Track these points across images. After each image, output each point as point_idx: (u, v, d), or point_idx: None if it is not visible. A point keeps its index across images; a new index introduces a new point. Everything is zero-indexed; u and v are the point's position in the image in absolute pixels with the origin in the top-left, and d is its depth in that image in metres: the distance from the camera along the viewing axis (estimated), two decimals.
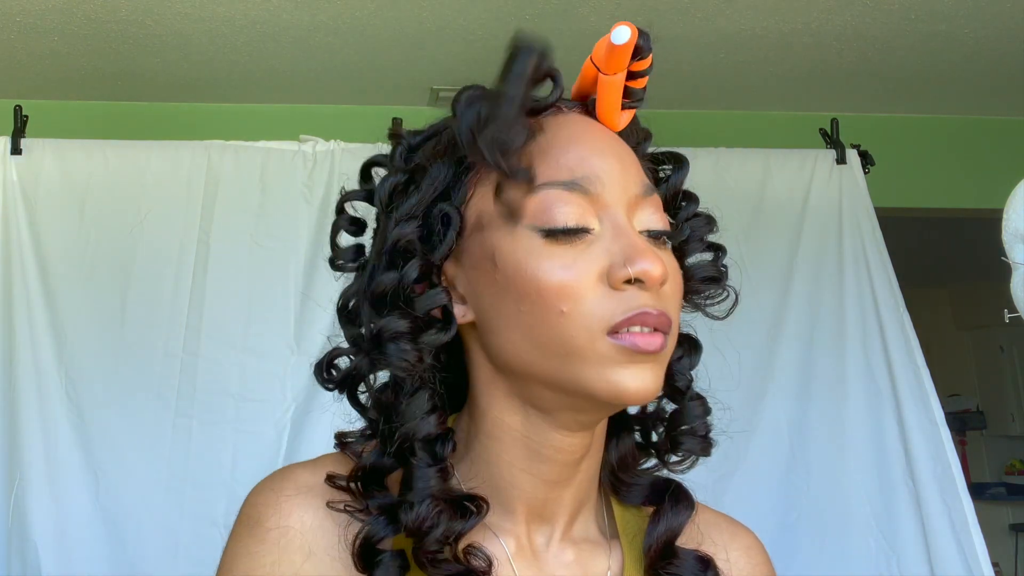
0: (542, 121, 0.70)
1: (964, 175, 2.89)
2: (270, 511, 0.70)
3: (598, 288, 0.64)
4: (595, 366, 0.64)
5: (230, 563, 0.70)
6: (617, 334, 0.64)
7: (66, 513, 2.04)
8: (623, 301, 0.64)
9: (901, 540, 2.22)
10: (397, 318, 0.68)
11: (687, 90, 2.67)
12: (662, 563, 0.73)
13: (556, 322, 0.64)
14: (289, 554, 0.69)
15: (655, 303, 0.64)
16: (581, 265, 0.65)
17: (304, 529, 0.70)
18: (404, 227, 0.69)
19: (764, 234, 2.38)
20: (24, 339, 2.10)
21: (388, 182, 0.73)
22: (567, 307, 0.64)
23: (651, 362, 0.65)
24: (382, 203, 0.73)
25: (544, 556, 0.73)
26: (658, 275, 0.64)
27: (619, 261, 0.64)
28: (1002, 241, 1.27)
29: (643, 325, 0.64)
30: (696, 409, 0.76)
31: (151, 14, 2.16)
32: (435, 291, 0.69)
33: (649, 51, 0.69)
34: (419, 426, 0.67)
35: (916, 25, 2.31)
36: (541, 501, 0.72)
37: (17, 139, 2.21)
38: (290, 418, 2.13)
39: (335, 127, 2.41)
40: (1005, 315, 1.33)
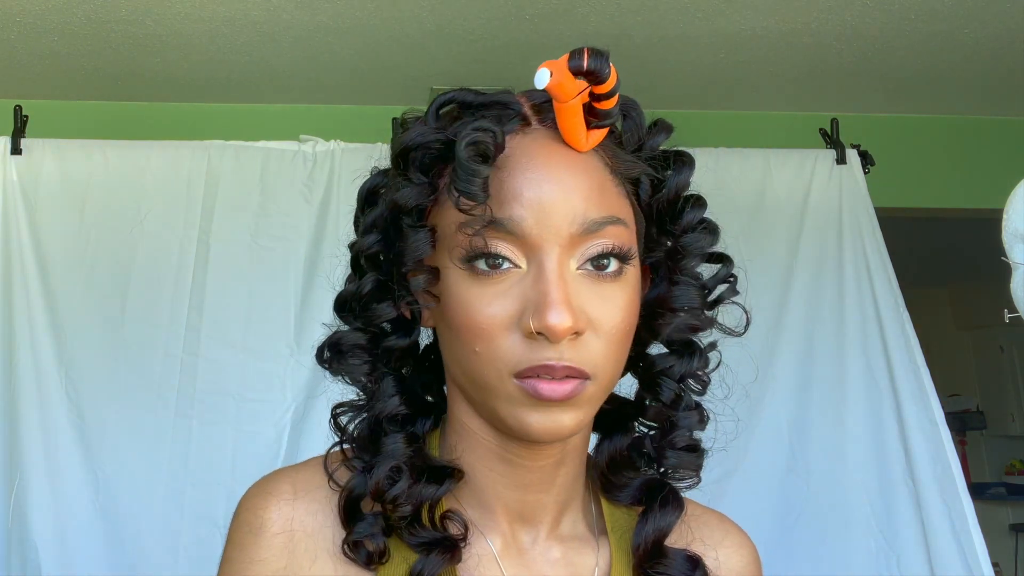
0: (507, 139, 0.67)
1: (964, 175, 2.89)
2: (273, 515, 0.70)
3: (511, 331, 0.65)
4: (505, 404, 0.66)
5: (236, 571, 0.70)
6: (523, 378, 0.64)
7: (66, 513, 2.04)
8: (530, 350, 0.64)
9: (901, 540, 2.22)
10: (353, 331, 0.73)
11: (687, 90, 2.67)
12: (650, 563, 0.73)
13: (472, 359, 0.66)
14: (297, 558, 0.69)
15: (561, 356, 0.63)
16: (497, 306, 0.65)
17: (308, 532, 0.70)
18: (365, 238, 0.72)
19: (764, 234, 2.38)
20: (24, 339, 2.10)
21: (367, 185, 0.75)
22: (480, 347, 0.65)
23: (560, 407, 0.65)
24: (359, 202, 0.75)
25: (531, 553, 0.73)
26: (561, 331, 0.62)
27: (530, 310, 0.64)
28: (1002, 241, 1.27)
29: (547, 374, 0.64)
30: (687, 420, 0.75)
31: (151, 14, 2.16)
32: (383, 306, 0.71)
33: (607, 74, 0.64)
34: (385, 405, 0.71)
35: (916, 25, 2.31)
36: (520, 504, 0.73)
37: (17, 139, 2.21)
38: (290, 418, 2.13)
39: (335, 127, 2.41)
40: (1005, 315, 1.33)
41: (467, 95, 0.70)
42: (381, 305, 0.71)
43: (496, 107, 0.69)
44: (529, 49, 2.38)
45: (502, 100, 0.70)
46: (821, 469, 2.27)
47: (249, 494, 0.73)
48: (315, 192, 2.26)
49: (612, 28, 2.28)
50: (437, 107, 0.69)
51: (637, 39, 2.34)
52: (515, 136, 0.68)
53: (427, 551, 0.68)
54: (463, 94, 0.70)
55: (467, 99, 0.69)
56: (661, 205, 0.72)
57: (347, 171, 2.25)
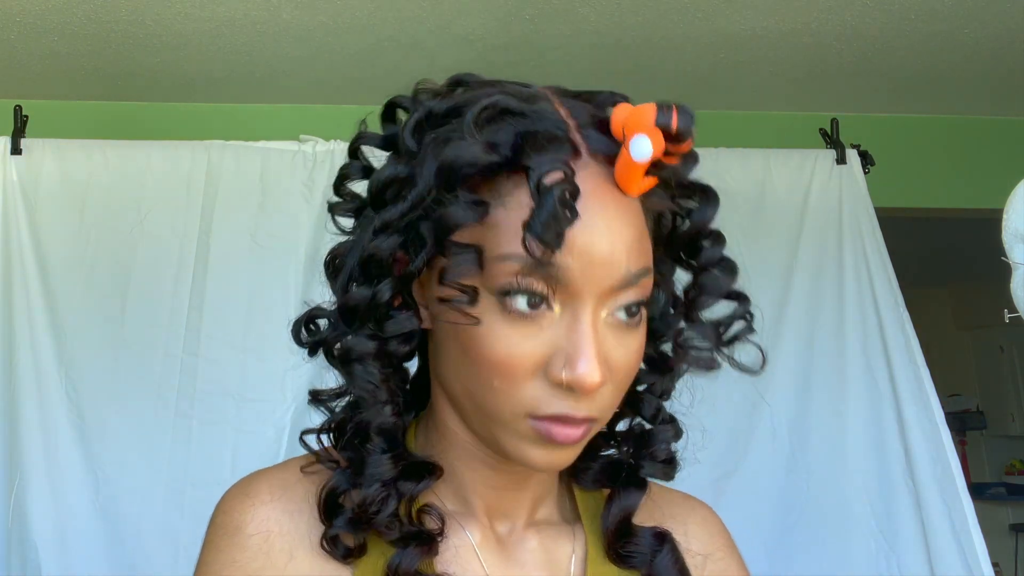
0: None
1: (964, 175, 2.89)
2: (248, 516, 0.70)
3: (534, 375, 0.64)
4: (512, 437, 0.66)
5: (211, 572, 0.70)
6: (537, 419, 0.64)
7: (66, 513, 2.04)
8: (552, 396, 0.64)
9: (901, 540, 2.22)
10: (365, 338, 0.68)
11: (687, 90, 2.66)
12: (620, 543, 0.75)
13: (486, 391, 0.65)
14: (272, 558, 0.69)
15: (579, 409, 0.64)
16: (526, 347, 0.63)
17: (284, 532, 0.70)
18: (383, 240, 0.66)
19: (764, 234, 2.38)
20: (24, 339, 2.10)
21: (383, 175, 0.68)
22: (499, 383, 0.64)
23: (565, 447, 0.66)
24: (372, 194, 0.69)
25: (508, 543, 0.74)
26: (590, 387, 0.62)
27: (560, 359, 0.63)
28: (1002, 241, 1.27)
29: (563, 421, 0.64)
30: (665, 433, 0.76)
31: (151, 14, 2.16)
32: (406, 316, 0.68)
33: (689, 135, 0.61)
34: (376, 416, 0.69)
35: (916, 25, 2.31)
36: (498, 500, 0.74)
37: (17, 139, 2.21)
38: (290, 418, 2.13)
39: (335, 127, 2.40)
40: (1005, 315, 1.33)
41: (509, 100, 0.64)
42: (401, 316, 0.68)
43: (545, 124, 0.64)
44: (529, 49, 2.38)
45: (547, 116, 0.64)
46: (821, 469, 2.27)
47: (226, 497, 0.73)
48: (315, 192, 2.26)
49: (612, 28, 2.28)
50: (479, 113, 0.63)
51: (637, 39, 2.34)
52: (572, 163, 0.63)
53: (404, 545, 0.68)
54: (505, 99, 0.64)
55: (510, 106, 0.64)
56: (680, 238, 0.71)
57: None
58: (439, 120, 0.66)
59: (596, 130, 0.65)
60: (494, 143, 0.62)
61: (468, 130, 0.62)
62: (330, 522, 0.69)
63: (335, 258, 0.74)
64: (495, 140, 0.62)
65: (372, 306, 0.67)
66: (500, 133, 0.63)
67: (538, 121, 0.63)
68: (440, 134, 0.65)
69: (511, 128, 0.63)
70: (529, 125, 0.63)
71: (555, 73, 2.50)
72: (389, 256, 0.66)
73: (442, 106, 0.67)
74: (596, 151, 0.64)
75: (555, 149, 0.62)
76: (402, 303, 0.68)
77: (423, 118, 0.67)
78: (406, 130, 0.67)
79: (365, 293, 0.68)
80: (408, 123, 0.68)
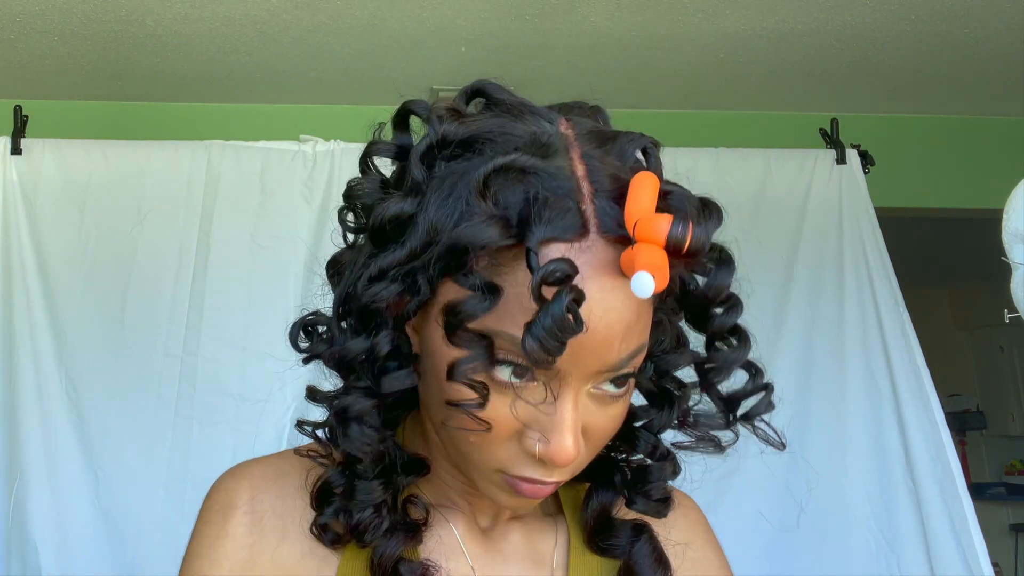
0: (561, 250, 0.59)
1: (964, 175, 2.89)
2: (244, 496, 0.72)
3: (510, 439, 0.64)
4: (482, 479, 0.67)
5: (206, 546, 0.71)
6: (508, 476, 0.65)
7: (66, 513, 2.04)
8: (524, 463, 0.64)
9: (901, 540, 2.22)
10: (362, 395, 0.66)
11: (687, 90, 2.66)
12: (600, 536, 0.76)
13: (462, 440, 0.65)
14: (265, 537, 0.71)
15: (551, 475, 0.64)
16: (505, 413, 0.62)
17: (277, 514, 0.72)
18: (383, 289, 0.63)
19: (764, 234, 2.38)
20: (24, 339, 2.10)
21: (388, 211, 0.64)
22: (476, 439, 0.64)
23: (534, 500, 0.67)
24: (373, 228, 0.65)
25: (492, 536, 0.75)
26: (563, 464, 0.62)
27: (536, 431, 0.62)
28: (1002, 241, 1.27)
29: (532, 483, 0.65)
30: (661, 471, 0.76)
31: (151, 14, 2.16)
32: (405, 373, 0.65)
33: (704, 248, 0.57)
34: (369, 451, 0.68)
35: (916, 25, 2.31)
36: (479, 501, 0.75)
37: (17, 139, 2.21)
38: (290, 418, 2.13)
39: (335, 127, 2.41)
40: (1005, 315, 1.33)
41: (522, 160, 0.60)
42: (400, 374, 0.65)
43: (557, 189, 0.60)
44: (529, 49, 2.38)
45: (561, 178, 0.60)
46: (821, 469, 2.27)
47: (221, 478, 0.74)
48: (315, 192, 2.26)
49: (612, 28, 2.28)
50: (490, 175, 0.59)
51: (637, 39, 2.34)
52: (571, 247, 0.59)
53: (389, 534, 0.69)
54: (518, 159, 0.60)
55: (524, 165, 0.60)
56: (691, 300, 0.66)
57: (347, 171, 2.25)
58: (452, 150, 0.64)
59: (612, 201, 0.60)
60: (504, 217, 0.59)
61: (477, 189, 0.59)
62: (321, 511, 0.70)
63: (336, 265, 0.73)
64: (504, 205, 0.59)
65: (371, 359, 0.65)
66: (509, 195, 0.60)
67: (550, 184, 0.60)
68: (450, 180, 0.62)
69: (520, 192, 0.60)
70: (541, 188, 0.60)
71: (555, 73, 2.50)
72: (387, 306, 0.63)
73: (456, 134, 0.64)
74: (606, 231, 0.60)
75: (563, 227, 0.59)
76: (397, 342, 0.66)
77: (435, 144, 0.64)
78: (416, 155, 0.64)
79: (363, 345, 0.65)
80: (419, 147, 0.65)
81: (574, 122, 0.66)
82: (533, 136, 0.63)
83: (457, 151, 0.64)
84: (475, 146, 0.63)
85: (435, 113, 0.66)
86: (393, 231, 0.64)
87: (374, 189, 0.69)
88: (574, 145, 0.63)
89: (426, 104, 0.68)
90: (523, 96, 0.68)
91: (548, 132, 0.64)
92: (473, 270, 0.59)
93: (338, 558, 0.71)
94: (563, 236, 0.59)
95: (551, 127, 0.64)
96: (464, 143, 0.63)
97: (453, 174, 0.63)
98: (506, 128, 0.64)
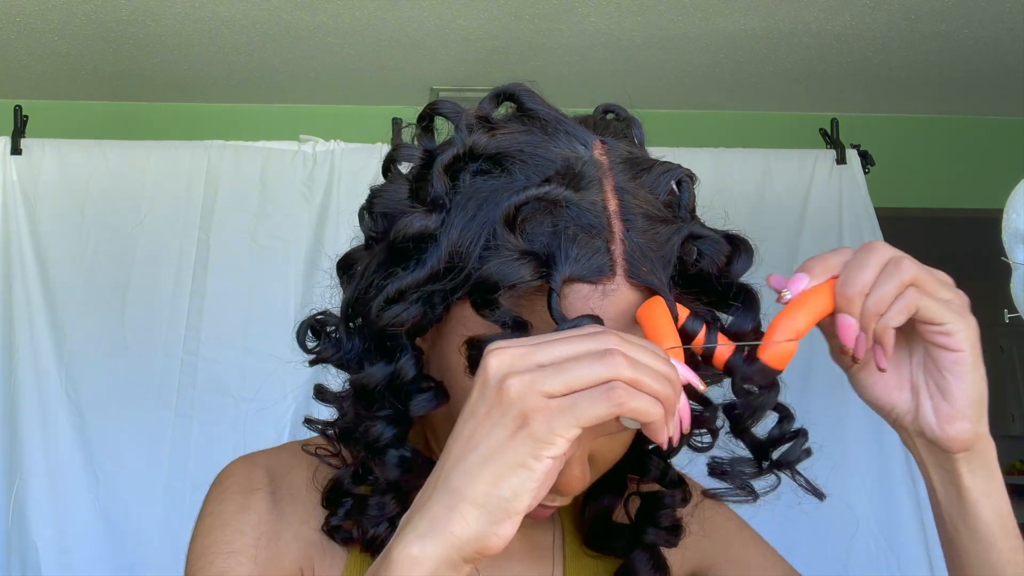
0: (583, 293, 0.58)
1: (964, 175, 2.89)
2: (263, 479, 0.72)
3: None
4: None
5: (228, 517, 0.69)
6: None
7: (66, 513, 2.04)
8: None
9: (901, 540, 2.22)
10: (387, 425, 0.64)
11: (687, 90, 2.66)
12: (598, 535, 0.76)
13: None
14: (286, 516, 0.71)
15: (553, 502, 0.65)
16: None
17: (294, 498, 0.72)
18: (403, 311, 0.60)
19: (764, 234, 2.35)
20: (24, 339, 2.10)
21: (413, 225, 0.61)
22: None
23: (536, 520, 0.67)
24: (394, 242, 0.62)
25: None
26: (570, 493, 0.63)
27: None
28: (1002, 241, 1.27)
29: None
30: (671, 499, 0.75)
31: (151, 14, 2.16)
32: (429, 396, 0.62)
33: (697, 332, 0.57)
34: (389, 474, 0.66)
35: (916, 25, 2.31)
36: None
37: (17, 139, 2.21)
38: (290, 418, 2.13)
39: (335, 127, 2.41)
40: (1005, 315, 1.33)
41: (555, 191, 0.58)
42: (424, 397, 0.62)
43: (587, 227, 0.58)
44: (529, 49, 2.38)
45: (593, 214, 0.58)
46: (821, 470, 2.26)
47: (232, 465, 0.74)
48: (315, 192, 2.26)
49: (612, 28, 2.28)
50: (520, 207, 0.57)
51: (637, 39, 2.34)
52: (595, 290, 0.58)
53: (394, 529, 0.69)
54: (551, 191, 0.57)
55: (555, 197, 0.58)
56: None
57: (347, 171, 2.25)
58: (480, 165, 0.61)
59: (642, 242, 0.59)
60: (534, 253, 0.57)
61: (506, 220, 0.57)
62: (333, 511, 0.70)
63: (348, 264, 0.70)
64: (530, 238, 0.57)
65: (394, 387, 0.63)
66: (537, 228, 0.58)
67: (582, 220, 0.58)
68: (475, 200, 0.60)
69: (549, 225, 0.58)
70: (572, 224, 0.58)
71: (555, 73, 2.50)
72: (408, 326, 0.61)
73: (487, 148, 0.61)
74: (633, 276, 0.58)
75: (590, 267, 0.57)
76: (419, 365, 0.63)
77: (463, 155, 0.61)
78: (440, 165, 0.61)
79: (384, 371, 0.63)
80: (444, 156, 0.61)
81: (609, 146, 0.63)
82: (567, 163, 0.60)
83: (485, 166, 0.61)
84: (504, 164, 0.61)
85: (464, 120, 0.63)
86: (415, 248, 0.61)
87: (399, 199, 0.66)
88: (608, 176, 0.60)
89: (455, 107, 0.64)
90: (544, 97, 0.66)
91: (583, 159, 0.61)
92: (500, 305, 0.57)
93: (347, 553, 0.71)
94: (588, 277, 0.57)
95: (585, 152, 0.61)
96: (493, 159, 0.61)
97: (479, 192, 0.60)
98: (538, 148, 0.61)
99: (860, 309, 0.58)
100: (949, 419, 0.61)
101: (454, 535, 0.49)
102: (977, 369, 0.60)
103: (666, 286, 0.59)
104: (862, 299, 0.57)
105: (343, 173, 2.26)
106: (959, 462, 0.64)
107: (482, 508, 0.49)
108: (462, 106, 0.65)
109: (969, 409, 0.61)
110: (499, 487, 0.49)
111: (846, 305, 0.58)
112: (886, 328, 0.58)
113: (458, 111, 0.64)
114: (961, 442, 0.63)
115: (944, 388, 0.61)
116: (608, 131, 0.66)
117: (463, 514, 0.49)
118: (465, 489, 0.49)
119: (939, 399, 0.61)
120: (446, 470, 0.50)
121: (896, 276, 0.57)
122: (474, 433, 0.50)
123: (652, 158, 0.64)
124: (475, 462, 0.49)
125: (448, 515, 0.49)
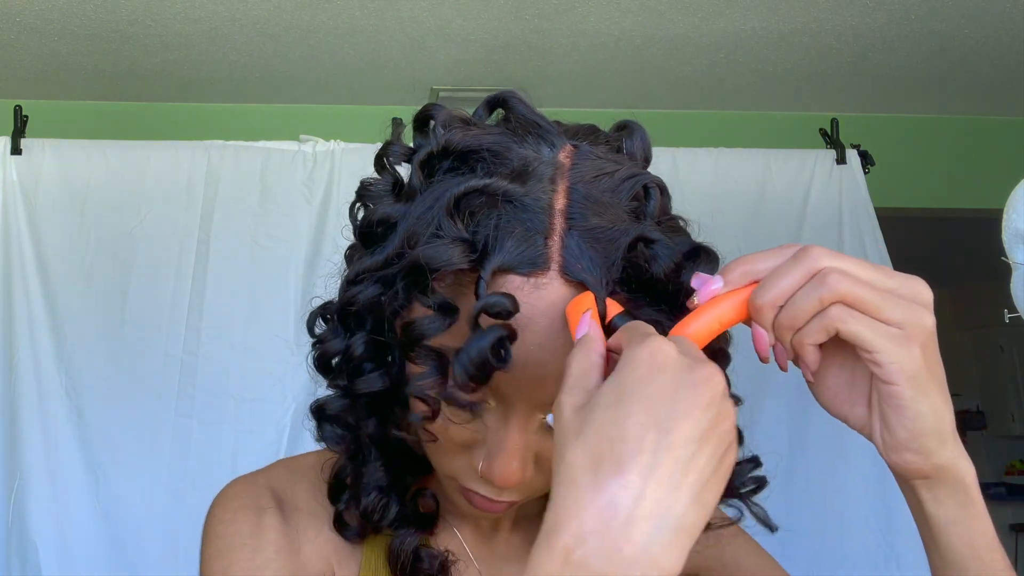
0: (518, 286, 0.58)
1: (964, 175, 2.89)
2: (269, 499, 0.72)
3: (462, 452, 0.64)
4: (445, 483, 0.69)
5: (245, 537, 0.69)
6: (462, 487, 0.66)
7: (66, 513, 2.04)
8: (474, 478, 0.64)
9: (901, 540, 2.22)
10: (338, 397, 0.68)
11: (687, 90, 2.67)
12: None
13: (425, 446, 0.66)
14: (302, 530, 0.72)
15: (501, 495, 0.65)
16: (456, 429, 0.62)
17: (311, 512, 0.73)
18: (359, 292, 0.63)
19: (764, 234, 2.38)
20: (24, 339, 2.10)
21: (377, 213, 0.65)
22: (431, 447, 0.65)
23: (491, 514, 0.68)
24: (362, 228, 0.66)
25: (494, 539, 0.77)
26: (503, 486, 0.63)
27: (483, 450, 0.63)
28: (1002, 241, 1.27)
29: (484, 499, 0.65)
30: None
31: (151, 14, 2.16)
32: (376, 376, 0.65)
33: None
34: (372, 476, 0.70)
35: (916, 25, 2.31)
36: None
37: (17, 139, 2.21)
38: (290, 418, 2.13)
39: (335, 127, 2.41)
40: (1005, 315, 1.33)
41: (499, 185, 0.59)
42: (372, 377, 0.65)
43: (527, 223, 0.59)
44: (529, 49, 2.38)
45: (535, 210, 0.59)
46: (821, 470, 2.27)
47: (233, 485, 0.73)
48: (315, 192, 2.26)
49: (612, 28, 2.28)
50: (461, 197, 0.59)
51: (637, 39, 2.34)
52: (527, 282, 0.58)
53: (403, 524, 0.71)
54: (495, 184, 0.59)
55: (498, 191, 0.59)
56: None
57: (347, 171, 2.26)
58: (452, 162, 0.63)
59: (586, 243, 0.59)
60: (467, 240, 0.58)
61: (448, 208, 0.59)
62: (337, 500, 0.72)
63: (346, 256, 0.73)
64: (474, 228, 0.58)
65: (345, 359, 0.66)
66: (481, 219, 0.59)
67: (521, 214, 0.59)
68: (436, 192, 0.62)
69: (493, 217, 0.59)
70: (512, 217, 0.59)
71: (555, 73, 2.50)
72: (363, 308, 0.64)
73: (457, 145, 0.62)
74: (568, 272, 0.58)
75: (522, 259, 0.58)
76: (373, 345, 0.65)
77: (436, 152, 0.63)
78: (416, 161, 0.64)
79: (339, 345, 0.66)
80: (420, 153, 0.64)
81: (580, 151, 0.63)
82: (523, 161, 0.61)
83: (455, 163, 0.62)
84: (470, 161, 0.62)
85: (444, 120, 0.65)
86: (380, 234, 0.64)
87: (382, 191, 0.68)
88: (564, 176, 0.61)
89: (441, 108, 0.66)
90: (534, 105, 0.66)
91: (541, 159, 0.61)
92: (434, 289, 0.58)
93: (362, 552, 0.72)
94: (519, 268, 0.58)
95: (549, 153, 0.62)
96: (462, 156, 0.62)
97: (442, 186, 0.62)
98: (503, 147, 0.62)
99: (771, 321, 0.55)
100: (895, 449, 0.57)
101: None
102: (920, 401, 0.55)
103: (602, 284, 0.58)
104: (774, 311, 0.54)
105: (343, 173, 2.26)
106: (919, 488, 0.60)
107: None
108: (454, 110, 0.66)
109: (914, 443, 0.56)
110: None
111: (756, 315, 0.55)
112: (801, 344, 0.55)
113: (444, 113, 0.66)
114: (913, 472, 0.58)
115: (886, 417, 0.57)
116: (598, 139, 0.66)
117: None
118: None
119: (883, 426, 0.57)
120: None
121: (815, 291, 0.53)
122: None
123: (624, 166, 0.64)
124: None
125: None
